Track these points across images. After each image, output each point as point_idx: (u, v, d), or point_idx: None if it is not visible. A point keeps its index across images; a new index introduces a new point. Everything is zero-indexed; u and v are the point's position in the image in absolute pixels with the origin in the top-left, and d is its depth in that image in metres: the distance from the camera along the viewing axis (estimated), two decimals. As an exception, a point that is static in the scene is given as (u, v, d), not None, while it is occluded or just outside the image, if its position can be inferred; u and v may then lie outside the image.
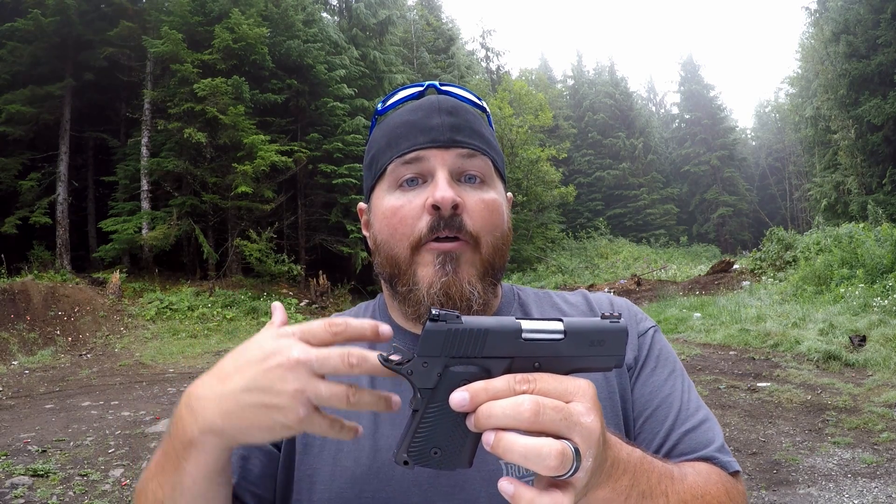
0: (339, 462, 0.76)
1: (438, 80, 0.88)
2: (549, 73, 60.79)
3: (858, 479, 4.34)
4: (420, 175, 0.78)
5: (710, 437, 0.79)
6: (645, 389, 0.82)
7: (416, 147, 0.78)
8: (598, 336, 0.55)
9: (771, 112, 59.63)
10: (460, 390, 0.51)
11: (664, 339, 0.90)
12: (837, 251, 13.42)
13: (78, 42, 16.46)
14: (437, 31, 34.36)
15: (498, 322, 0.54)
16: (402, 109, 0.83)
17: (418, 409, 0.54)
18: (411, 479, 0.73)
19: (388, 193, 0.80)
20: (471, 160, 0.79)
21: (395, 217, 0.78)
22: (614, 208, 46.71)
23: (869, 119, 22.24)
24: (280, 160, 16.73)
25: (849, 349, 8.17)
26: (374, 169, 0.84)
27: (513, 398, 0.49)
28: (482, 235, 0.77)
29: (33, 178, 15.85)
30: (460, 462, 0.54)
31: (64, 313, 12.40)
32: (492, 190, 0.80)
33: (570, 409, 0.50)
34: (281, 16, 19.12)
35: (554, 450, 0.47)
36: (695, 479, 0.69)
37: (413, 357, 0.54)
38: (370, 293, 19.27)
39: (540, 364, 0.54)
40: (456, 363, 0.53)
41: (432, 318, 0.53)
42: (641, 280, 22.82)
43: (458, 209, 0.75)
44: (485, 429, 0.50)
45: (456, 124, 0.79)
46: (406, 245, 0.77)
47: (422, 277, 0.76)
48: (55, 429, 6.07)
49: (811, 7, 28.44)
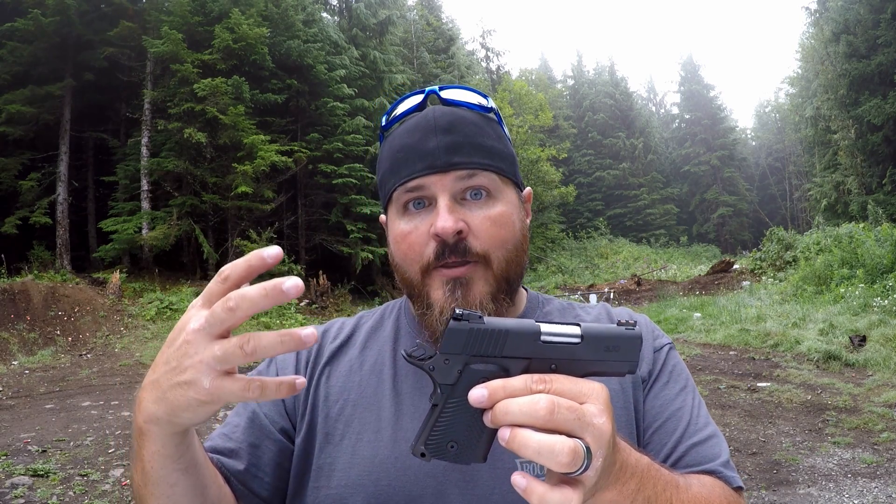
0: (358, 452, 0.78)
1: (440, 83, 0.87)
2: (549, 73, 60.80)
3: (858, 479, 4.34)
4: (425, 198, 0.79)
5: (716, 451, 0.80)
6: (657, 402, 0.84)
7: (415, 175, 0.78)
8: (614, 342, 0.57)
9: (771, 112, 59.66)
10: (479, 387, 0.52)
11: (679, 356, 0.92)
12: (837, 251, 13.42)
13: (78, 42, 16.46)
14: (437, 31, 34.35)
15: (518, 324, 0.56)
16: (402, 128, 0.82)
17: (438, 404, 0.56)
18: (427, 470, 0.75)
19: (398, 218, 0.82)
20: (472, 180, 0.78)
21: (404, 243, 0.80)
22: (614, 208, 46.72)
23: (869, 119, 22.24)
24: (280, 160, 16.73)
25: (849, 349, 8.17)
26: (384, 192, 0.86)
27: (530, 397, 0.51)
28: (491, 252, 0.78)
29: (33, 178, 15.85)
30: (475, 457, 0.56)
31: (64, 313, 12.40)
32: (499, 202, 0.80)
33: (583, 409, 0.51)
34: (281, 16, 19.12)
35: (567, 447, 0.49)
36: (699, 490, 0.70)
37: (435, 354, 0.56)
38: (370, 293, 19.27)
39: (556, 366, 0.56)
40: (476, 361, 0.55)
41: (456, 318, 0.55)
42: (641, 280, 22.83)
43: (462, 234, 0.76)
44: (501, 425, 0.51)
45: (453, 144, 0.78)
46: (417, 269, 0.79)
47: (434, 301, 0.78)
48: (55, 429, 6.07)
49: (811, 7, 28.45)
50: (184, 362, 0.53)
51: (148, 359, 10.98)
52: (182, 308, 14.30)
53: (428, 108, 0.83)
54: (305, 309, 16.65)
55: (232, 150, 16.73)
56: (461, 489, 0.75)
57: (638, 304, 17.08)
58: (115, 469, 4.91)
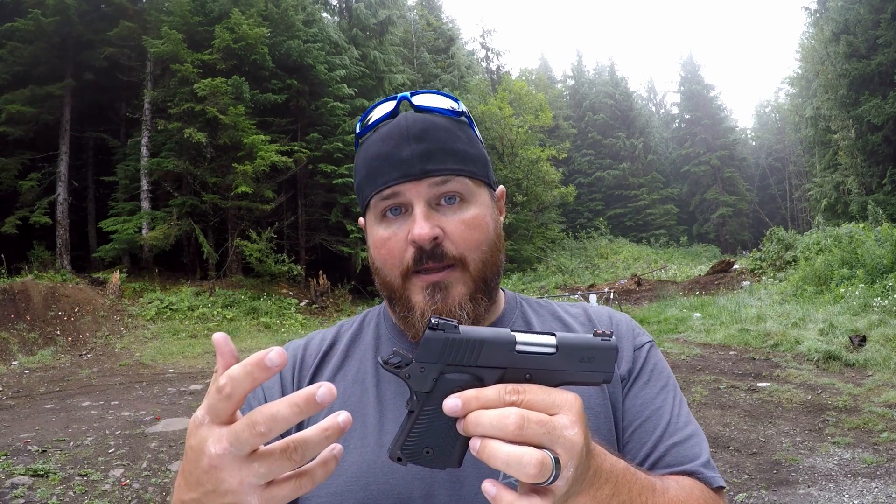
0: (345, 459, 0.78)
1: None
2: (549, 73, 60.82)
3: (858, 479, 4.34)
4: (401, 205, 0.81)
5: (696, 451, 0.81)
6: (636, 401, 0.85)
7: (391, 183, 0.80)
8: (589, 352, 0.57)
9: (771, 112, 59.68)
10: (453, 397, 0.53)
11: (660, 354, 0.92)
12: (837, 251, 13.43)
13: (78, 42, 16.47)
14: (437, 31, 34.35)
15: (494, 333, 0.56)
16: (376, 136, 0.84)
17: (414, 411, 0.57)
18: (415, 473, 0.76)
19: (377, 224, 0.84)
20: (445, 185, 0.80)
21: (384, 248, 0.82)
22: (614, 208, 46.74)
23: (869, 119, 22.25)
24: (280, 160, 16.73)
25: (849, 349, 8.17)
26: (361, 198, 0.88)
27: (500, 410, 0.52)
28: (468, 255, 0.80)
29: (33, 178, 15.86)
30: (450, 462, 0.57)
31: (64, 313, 12.40)
32: (472, 206, 0.82)
33: (554, 422, 0.52)
34: (281, 16, 19.13)
35: (534, 459, 0.50)
36: (677, 493, 0.71)
37: (411, 361, 0.56)
38: (370, 293, 19.27)
39: (531, 376, 0.56)
40: (451, 370, 0.56)
41: (431, 327, 0.56)
42: (641, 280, 22.83)
43: (438, 239, 0.78)
44: (472, 435, 0.52)
45: (426, 152, 0.80)
46: (397, 274, 0.81)
47: (415, 303, 0.80)
48: (55, 429, 6.07)
49: (811, 7, 28.46)
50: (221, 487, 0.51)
51: (148, 359, 10.98)
52: (182, 308, 14.30)
53: (401, 116, 0.84)
54: (305, 309, 16.66)
55: (232, 150, 16.73)
56: (449, 491, 0.76)
57: (638, 305, 17.09)
58: (115, 469, 4.91)
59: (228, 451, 0.49)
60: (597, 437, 0.63)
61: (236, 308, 15.12)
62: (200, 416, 0.52)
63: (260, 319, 14.85)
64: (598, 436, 0.79)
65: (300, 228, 20.02)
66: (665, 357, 0.94)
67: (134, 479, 4.71)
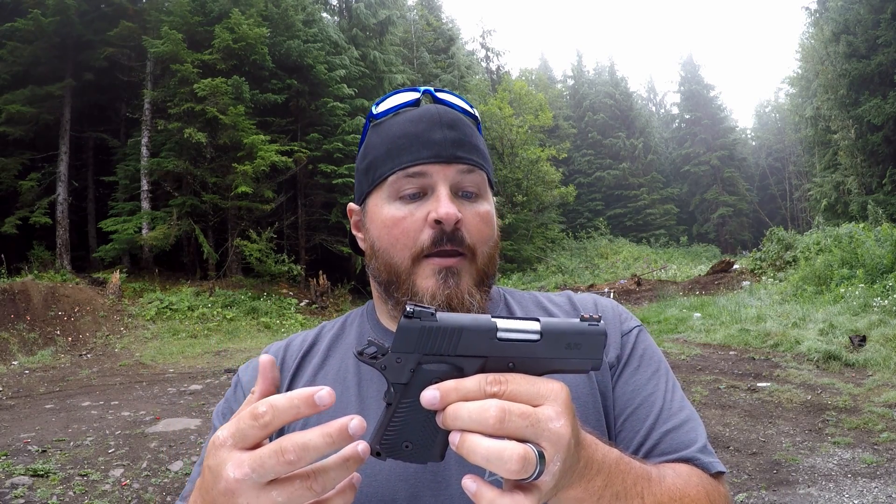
0: None
1: (436, 84, 0.88)
2: (549, 73, 60.81)
3: (858, 479, 4.33)
4: (421, 189, 0.80)
5: (692, 437, 0.78)
6: (627, 388, 0.82)
7: (420, 161, 0.79)
8: (576, 338, 0.54)
9: (771, 112, 59.66)
10: (431, 388, 0.51)
11: (650, 338, 0.90)
12: (837, 251, 13.42)
13: (78, 42, 16.47)
14: (437, 31, 34.35)
15: (473, 320, 0.53)
16: (402, 118, 0.83)
17: (391, 403, 0.54)
18: (399, 473, 0.74)
19: (388, 203, 0.81)
20: (469, 175, 0.81)
21: (396, 228, 0.80)
22: (614, 208, 46.73)
23: (869, 119, 22.25)
24: (280, 160, 16.73)
25: (849, 349, 8.17)
26: (372, 176, 0.84)
27: (480, 402, 0.49)
28: (478, 247, 0.81)
29: (33, 178, 15.86)
30: (431, 456, 0.54)
31: (64, 313, 12.40)
32: (485, 202, 0.84)
33: (537, 414, 0.49)
34: (281, 16, 19.12)
35: (515, 454, 0.47)
36: (674, 482, 0.68)
37: (387, 351, 0.53)
38: (370, 293, 19.18)
39: (514, 364, 0.53)
40: (429, 360, 0.53)
41: (407, 315, 0.52)
42: (641, 280, 22.82)
43: (458, 224, 0.78)
44: (451, 429, 0.50)
45: (457, 139, 0.81)
46: (407, 256, 0.79)
47: (422, 288, 0.78)
48: (55, 429, 6.07)
49: (811, 7, 28.45)
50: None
51: (148, 359, 10.98)
52: (181, 308, 14.30)
53: (430, 104, 0.85)
54: (305, 309, 16.66)
55: (232, 150, 16.73)
56: (434, 491, 0.74)
57: (638, 305, 17.08)
58: (115, 469, 4.91)
59: (249, 476, 0.48)
60: (588, 427, 0.61)
61: (236, 308, 15.12)
62: (223, 437, 0.50)
63: (260, 319, 14.85)
64: (586, 426, 0.78)
65: (300, 228, 20.02)
66: (665, 357, 0.91)
67: (134, 479, 4.71)
